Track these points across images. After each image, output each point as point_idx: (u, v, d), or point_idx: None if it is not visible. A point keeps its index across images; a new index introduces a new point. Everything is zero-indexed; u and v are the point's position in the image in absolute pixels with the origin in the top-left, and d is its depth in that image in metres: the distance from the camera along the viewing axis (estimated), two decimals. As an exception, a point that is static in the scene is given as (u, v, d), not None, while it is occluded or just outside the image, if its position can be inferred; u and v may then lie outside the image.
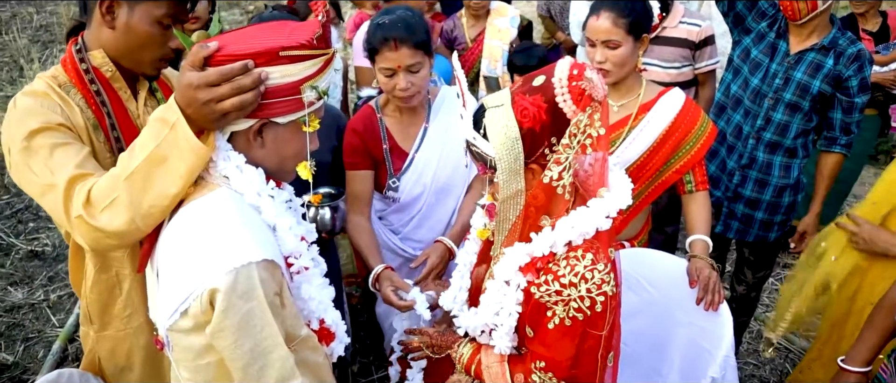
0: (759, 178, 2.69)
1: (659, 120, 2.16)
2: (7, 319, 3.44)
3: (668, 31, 2.99)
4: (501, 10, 3.58)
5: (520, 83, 1.43)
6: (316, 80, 1.30)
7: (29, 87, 1.58)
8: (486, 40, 3.52)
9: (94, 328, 1.75)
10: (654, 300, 2.11)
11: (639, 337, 2.11)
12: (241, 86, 1.20)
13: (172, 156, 1.24)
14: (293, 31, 1.30)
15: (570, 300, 1.38)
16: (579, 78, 1.35)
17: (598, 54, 2.13)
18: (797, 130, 2.60)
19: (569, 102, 1.35)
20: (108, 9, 1.52)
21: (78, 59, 1.58)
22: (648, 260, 2.18)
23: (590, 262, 1.38)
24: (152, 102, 1.74)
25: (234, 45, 1.23)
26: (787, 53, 2.57)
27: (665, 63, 3.00)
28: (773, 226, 2.75)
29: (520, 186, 1.41)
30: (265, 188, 1.32)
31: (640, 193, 2.24)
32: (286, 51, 1.23)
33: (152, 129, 1.25)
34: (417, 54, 2.06)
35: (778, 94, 2.57)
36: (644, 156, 2.18)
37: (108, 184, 1.30)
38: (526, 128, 1.36)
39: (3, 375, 3.10)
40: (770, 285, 3.80)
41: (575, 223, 1.39)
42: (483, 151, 1.42)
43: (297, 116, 1.31)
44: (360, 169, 2.29)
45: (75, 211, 1.34)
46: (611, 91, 2.25)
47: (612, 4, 2.10)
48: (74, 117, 1.55)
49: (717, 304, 1.95)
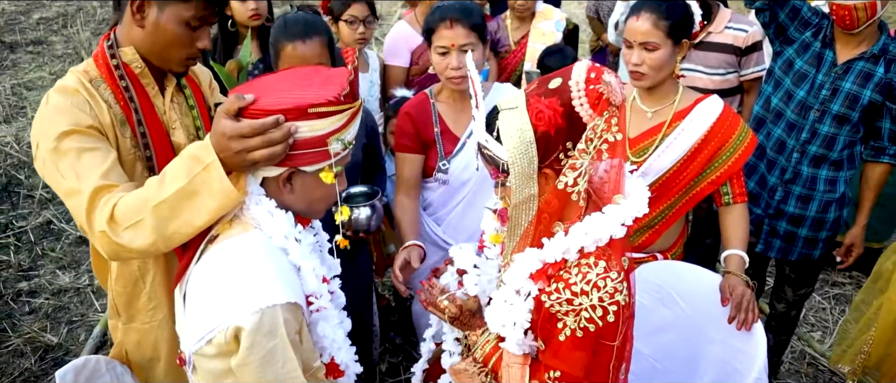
0: (803, 194, 2.56)
1: (694, 128, 2.08)
2: (54, 302, 3.57)
3: (712, 36, 2.88)
4: (547, 13, 3.52)
5: (535, 85, 1.39)
6: (342, 134, 1.36)
7: (61, 82, 1.61)
8: (530, 43, 3.46)
9: (122, 320, 1.79)
10: (685, 315, 2.04)
11: (669, 353, 2.05)
12: (271, 139, 1.27)
13: (203, 193, 1.31)
14: (323, 85, 1.36)
15: (581, 309, 1.33)
16: (597, 81, 1.31)
17: (635, 56, 2.07)
18: (844, 142, 2.47)
19: (586, 106, 1.31)
20: (139, 8, 1.55)
21: (109, 55, 1.62)
22: (682, 273, 2.11)
23: (602, 270, 1.34)
24: (180, 98, 1.77)
25: (266, 98, 1.31)
26: (834, 63, 2.44)
27: (709, 69, 2.89)
28: (819, 243, 2.62)
29: (533, 191, 1.37)
30: (293, 231, 1.40)
31: (673, 204, 2.17)
32: (315, 107, 1.30)
33: (185, 164, 1.33)
34: (471, 35, 2.14)
35: (825, 105, 2.45)
36: (677, 166, 2.10)
37: (135, 207, 1.37)
38: (541, 131, 1.32)
39: (47, 356, 3.22)
40: (817, 304, 3.64)
41: (589, 229, 1.34)
42: (495, 154, 1.38)
43: (324, 165, 1.37)
44: (411, 152, 2.34)
45: (98, 225, 1.40)
46: (644, 96, 2.18)
47: (654, 5, 2.04)
48: (102, 116, 1.58)
49: (750, 324, 1.87)
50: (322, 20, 2.20)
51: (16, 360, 3.18)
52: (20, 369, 3.13)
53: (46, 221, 4.25)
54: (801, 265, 2.70)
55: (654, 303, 2.08)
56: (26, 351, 3.22)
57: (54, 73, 6.45)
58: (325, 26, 2.14)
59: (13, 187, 4.60)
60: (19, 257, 3.92)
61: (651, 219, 2.19)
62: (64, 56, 6.98)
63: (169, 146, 1.70)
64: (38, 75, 6.46)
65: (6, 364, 3.16)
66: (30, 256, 3.94)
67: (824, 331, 3.45)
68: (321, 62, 2.07)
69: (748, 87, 3.00)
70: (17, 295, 3.62)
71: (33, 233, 4.12)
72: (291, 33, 2.04)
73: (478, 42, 2.18)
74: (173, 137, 1.71)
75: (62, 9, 8.55)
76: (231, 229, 1.38)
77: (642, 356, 2.10)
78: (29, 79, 6.41)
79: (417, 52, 3.22)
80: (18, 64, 6.83)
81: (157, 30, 1.57)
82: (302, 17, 2.11)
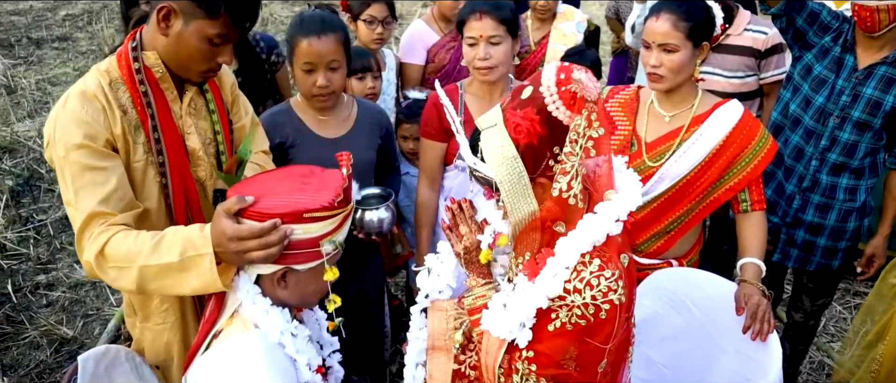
0: (822, 203, 2.50)
1: (713, 133, 2.04)
2: (70, 295, 3.62)
3: (731, 38, 2.83)
4: (568, 14, 3.49)
5: (509, 98, 1.37)
6: (334, 236, 1.45)
7: (83, 82, 1.61)
8: (551, 44, 3.43)
9: (138, 319, 1.81)
10: (699, 323, 2.00)
11: (681, 361, 2.01)
12: (268, 242, 1.36)
13: (190, 274, 1.43)
14: (318, 189, 1.45)
15: (573, 306, 1.31)
16: (567, 81, 1.29)
17: (653, 58, 2.03)
18: (866, 150, 2.41)
19: (562, 109, 1.29)
20: (165, 17, 1.55)
21: (132, 58, 1.62)
22: (697, 281, 2.07)
23: (597, 268, 1.31)
24: (200, 102, 1.76)
25: (265, 200, 1.41)
26: (854, 68, 2.38)
27: (727, 72, 2.84)
28: (838, 253, 2.56)
29: (532, 207, 1.35)
30: (288, 327, 1.47)
31: (690, 210, 2.13)
32: (310, 213, 1.39)
33: (182, 242, 1.43)
34: (499, 28, 2.20)
35: (845, 111, 2.39)
36: (695, 171, 2.07)
37: (125, 255, 1.46)
38: (523, 144, 1.30)
39: (63, 348, 3.26)
40: (838, 313, 3.56)
41: (585, 233, 1.32)
42: (486, 175, 1.36)
43: (317, 264, 1.46)
44: (433, 139, 2.40)
45: (87, 254, 1.50)
46: (662, 100, 2.14)
47: (674, 6, 2.01)
48: (115, 125, 1.58)
49: (765, 334, 1.83)
50: (338, 18, 2.20)
51: (32, 352, 3.22)
52: (36, 361, 3.17)
53: (65, 216, 4.30)
54: (820, 275, 2.64)
55: (667, 310, 2.04)
56: (42, 344, 3.26)
57: (78, 70, 6.53)
58: (341, 24, 2.14)
59: (35, 181, 4.67)
60: (38, 250, 3.97)
61: (667, 224, 2.15)
62: (88, 52, 7.08)
63: (183, 152, 1.70)
64: (63, 71, 6.55)
65: (23, 356, 3.20)
66: (48, 250, 4.00)
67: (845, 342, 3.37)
68: (335, 59, 2.07)
69: (768, 91, 2.95)
70: (35, 288, 3.67)
71: (52, 226, 4.18)
72: (307, 29, 2.04)
73: (506, 36, 2.24)
74: (188, 143, 1.72)
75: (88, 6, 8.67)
76: (232, 326, 1.46)
77: (653, 363, 2.07)
78: (53, 74, 6.50)
79: (433, 51, 3.22)
80: (44, 60, 6.94)
81: (180, 41, 1.56)
82: (318, 14, 2.12)
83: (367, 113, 2.32)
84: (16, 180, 4.66)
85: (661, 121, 2.14)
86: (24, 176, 4.71)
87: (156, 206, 1.67)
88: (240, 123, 1.92)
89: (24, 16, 8.38)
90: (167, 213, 1.69)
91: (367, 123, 2.30)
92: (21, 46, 7.28)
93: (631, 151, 2.15)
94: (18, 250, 3.95)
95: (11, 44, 7.34)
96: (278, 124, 2.20)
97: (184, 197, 1.70)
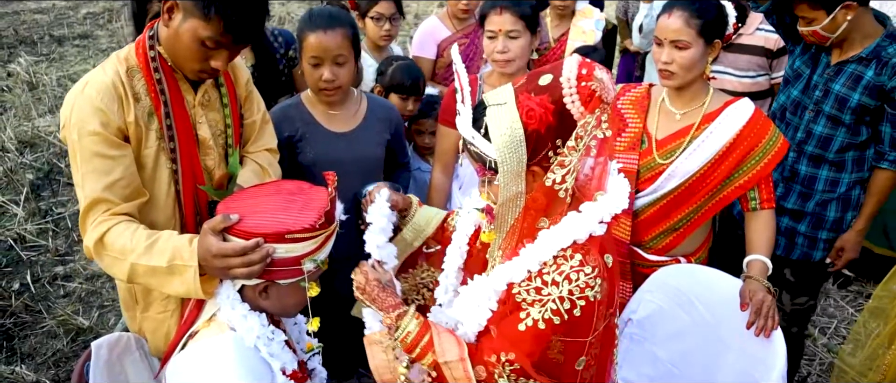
0: (802, 191, 2.50)
1: (723, 131, 2.04)
2: (87, 286, 3.68)
3: (743, 38, 2.83)
4: (587, 11, 3.50)
5: (524, 80, 1.35)
6: (316, 254, 1.50)
7: (101, 69, 1.65)
8: (570, 41, 3.45)
9: (139, 309, 1.84)
10: (705, 321, 2.00)
11: (687, 359, 2.02)
12: (250, 260, 1.42)
13: (176, 280, 1.52)
14: (302, 209, 1.49)
15: (548, 300, 1.31)
16: (589, 78, 1.28)
17: (665, 54, 2.04)
18: (841, 144, 2.39)
19: (577, 104, 1.28)
20: (169, 9, 1.59)
21: (148, 46, 1.66)
22: (704, 278, 2.07)
23: (578, 264, 1.32)
24: (215, 95, 1.80)
25: (250, 219, 1.47)
26: (827, 64, 2.39)
27: (738, 72, 2.83)
28: (819, 243, 2.53)
29: (520, 189, 1.35)
30: (264, 331, 1.53)
31: (699, 208, 2.13)
32: (291, 234, 1.44)
33: (173, 249, 1.51)
34: (518, 23, 2.27)
35: (818, 106, 2.40)
36: (705, 169, 2.06)
37: (121, 247, 1.55)
38: (530, 129, 1.29)
39: (79, 338, 3.31)
40: (850, 316, 3.53)
41: (566, 230, 1.32)
42: (483, 152, 1.35)
43: (298, 279, 1.51)
44: (451, 127, 2.42)
45: (87, 239, 1.59)
46: (673, 97, 2.15)
47: (687, 3, 2.01)
48: (129, 114, 1.63)
49: (769, 331, 1.82)
50: (347, 14, 2.23)
51: (49, 341, 3.28)
52: (53, 349, 3.23)
53: (84, 209, 4.38)
54: (801, 268, 2.60)
55: (673, 308, 2.05)
56: (59, 333, 3.32)
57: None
58: (350, 19, 2.17)
59: (54, 175, 4.76)
60: (57, 242, 4.05)
61: (675, 221, 2.15)
62: (108, 50, 7.19)
63: (193, 140, 1.74)
64: (83, 68, 6.66)
65: (40, 344, 3.26)
66: (66, 242, 4.07)
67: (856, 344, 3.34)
68: (342, 53, 2.10)
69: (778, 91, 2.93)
70: (53, 279, 3.74)
71: (71, 220, 4.25)
72: (315, 24, 2.07)
73: (525, 31, 2.30)
74: (198, 131, 1.75)
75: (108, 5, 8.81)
76: (209, 328, 1.52)
77: (660, 361, 2.07)
78: (74, 71, 6.61)
79: (443, 46, 3.25)
80: (65, 57, 7.07)
81: (176, 37, 1.60)
82: (327, 9, 2.15)
83: (376, 108, 2.34)
84: (36, 174, 4.75)
85: (671, 119, 2.14)
86: (45, 170, 4.80)
87: (165, 192, 1.71)
88: (251, 119, 1.95)
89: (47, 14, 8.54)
90: (176, 199, 1.74)
91: (376, 119, 2.32)
92: (43, 44, 7.42)
93: (641, 148, 2.15)
94: (38, 242, 4.03)
95: (34, 41, 7.48)
96: (288, 118, 2.23)
97: (193, 183, 1.74)
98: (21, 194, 4.42)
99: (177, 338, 1.58)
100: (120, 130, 1.62)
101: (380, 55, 3.06)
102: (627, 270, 2.25)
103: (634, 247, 2.22)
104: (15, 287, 3.65)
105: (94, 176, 1.57)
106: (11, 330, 3.34)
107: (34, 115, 5.55)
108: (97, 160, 1.58)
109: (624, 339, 2.14)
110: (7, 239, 4.03)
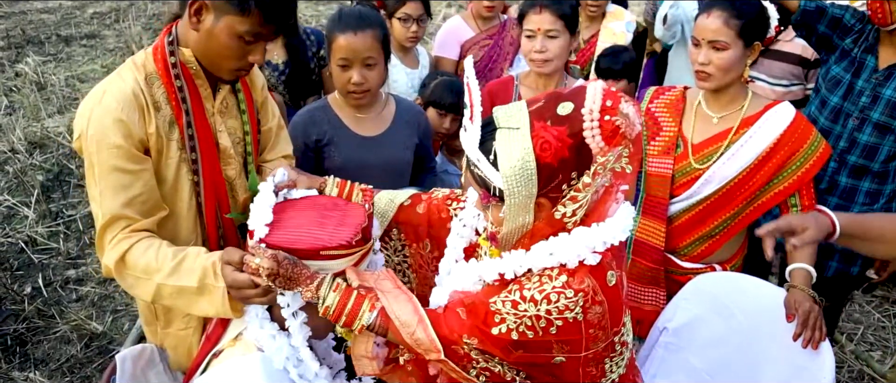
0: (840, 205, 2.40)
1: (763, 135, 1.98)
2: (100, 290, 3.63)
3: (781, 44, 2.75)
4: (618, 13, 3.45)
5: (542, 103, 1.24)
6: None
7: (119, 77, 1.58)
8: (600, 42, 3.40)
9: (160, 325, 1.79)
10: (742, 328, 1.94)
11: (725, 368, 1.96)
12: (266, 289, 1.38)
13: (205, 301, 1.47)
14: (338, 226, 1.44)
15: (524, 315, 1.25)
16: (613, 112, 1.18)
17: (702, 55, 1.99)
18: (888, 153, 2.30)
19: (598, 139, 1.18)
20: (196, 11, 1.52)
21: (168, 52, 1.58)
22: (741, 285, 2.01)
23: (561, 285, 1.25)
24: (232, 100, 1.74)
25: (283, 232, 1.41)
26: (875, 69, 2.29)
27: (772, 79, 2.76)
28: (857, 259, 2.44)
29: (527, 220, 1.26)
30: (293, 354, 1.48)
31: (736, 214, 2.08)
32: (327, 250, 1.38)
33: (202, 268, 1.46)
34: (557, 22, 2.25)
35: (864, 113, 2.29)
36: (743, 175, 2.01)
37: (144, 267, 1.49)
38: (544, 162, 1.19)
39: (93, 343, 3.26)
40: (876, 321, 3.47)
41: (554, 250, 1.26)
42: (488, 178, 1.25)
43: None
44: None
45: (107, 258, 1.53)
46: (710, 100, 2.09)
47: (726, 3, 1.95)
48: (149, 125, 1.56)
49: (817, 342, 1.77)
50: (377, 15, 2.17)
51: (62, 346, 3.23)
52: (67, 355, 3.17)
53: (95, 211, 4.33)
54: (835, 283, 2.49)
55: (709, 315, 1.99)
56: (73, 338, 3.27)
57: (106, 66, 6.59)
58: (380, 21, 2.11)
59: (64, 176, 4.71)
60: (68, 245, 3.99)
61: (712, 228, 2.10)
62: (115, 50, 7.14)
63: (215, 149, 1.68)
64: (91, 68, 6.61)
65: (54, 350, 3.21)
66: (78, 245, 4.01)
67: (885, 351, 3.29)
68: (371, 55, 2.04)
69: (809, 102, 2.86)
70: (65, 283, 3.68)
71: (82, 222, 4.20)
72: (344, 25, 2.01)
73: (564, 31, 2.27)
74: (219, 140, 1.69)
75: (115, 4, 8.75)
76: (234, 348, 1.46)
77: (695, 370, 2.02)
78: (82, 71, 6.56)
79: (466, 46, 3.20)
80: (72, 57, 7.02)
81: (211, 37, 1.53)
82: (357, 9, 2.09)
83: (404, 111, 2.29)
84: (46, 175, 4.70)
85: (708, 123, 2.08)
86: (54, 171, 4.75)
87: (187, 205, 1.65)
88: (267, 126, 1.89)
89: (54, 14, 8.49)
90: (198, 211, 1.67)
91: (404, 122, 2.26)
92: (51, 44, 7.37)
93: (676, 153, 2.10)
94: (49, 245, 3.98)
95: (41, 41, 7.43)
96: (315, 121, 2.18)
97: (214, 195, 1.68)
98: (32, 196, 4.37)
99: (200, 358, 1.52)
100: (141, 142, 1.55)
101: (405, 56, 3.02)
102: (661, 278, 2.20)
103: (669, 253, 2.18)
104: (27, 291, 3.59)
105: (113, 191, 1.51)
106: (25, 335, 3.29)
107: (43, 116, 5.50)
108: (116, 174, 1.51)
109: (658, 348, 2.10)
110: (18, 242, 3.98)
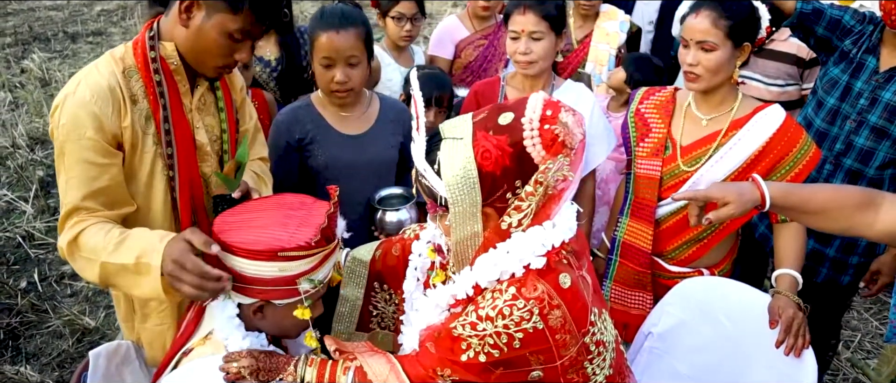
0: None
1: (752, 138, 1.95)
2: (94, 286, 3.63)
3: (775, 43, 2.72)
4: (611, 13, 3.40)
5: (485, 114, 1.27)
6: (312, 274, 1.41)
7: (95, 69, 1.57)
8: (593, 43, 3.36)
9: (137, 319, 1.78)
10: (729, 334, 1.92)
11: (709, 373, 1.94)
12: (203, 286, 1.36)
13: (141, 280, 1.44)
14: (299, 226, 1.41)
15: (484, 335, 1.24)
16: (552, 121, 1.20)
17: (690, 56, 1.96)
18: (883, 159, 2.25)
19: (538, 147, 1.20)
20: (187, 8, 1.52)
21: (149, 47, 1.58)
22: (727, 291, 1.98)
23: (511, 297, 1.23)
24: (210, 98, 1.74)
25: (243, 233, 1.39)
26: (875, 70, 2.24)
27: (767, 79, 2.72)
28: (848, 268, 2.39)
29: (476, 229, 1.27)
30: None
31: (723, 218, 2.04)
32: (285, 252, 1.35)
33: (140, 248, 1.44)
34: (541, 24, 2.21)
35: (862, 115, 2.24)
36: (731, 177, 1.97)
37: (92, 247, 1.49)
38: (486, 171, 1.21)
39: (85, 338, 3.27)
40: (874, 329, 3.42)
41: (497, 260, 1.25)
42: (433, 187, 1.27)
43: (294, 300, 1.42)
44: None
45: (62, 240, 1.53)
46: (699, 102, 2.07)
47: (714, 3, 1.93)
48: (124, 118, 1.56)
49: (799, 350, 1.73)
50: (360, 13, 2.16)
51: (54, 341, 3.24)
52: (58, 350, 3.18)
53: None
54: (824, 289, 2.44)
55: (695, 321, 1.97)
56: (65, 333, 3.28)
57: (110, 63, 6.62)
58: (363, 19, 2.10)
59: (64, 172, 4.73)
60: (65, 240, 4.01)
61: (699, 232, 2.06)
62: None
63: (192, 145, 1.67)
64: (96, 65, 6.65)
65: (46, 344, 3.22)
66: (75, 240, 4.03)
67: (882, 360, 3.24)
68: (354, 54, 2.03)
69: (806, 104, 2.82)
70: (59, 278, 3.70)
71: (80, 217, 4.21)
72: (327, 23, 2.00)
73: (549, 32, 2.24)
74: (196, 137, 1.69)
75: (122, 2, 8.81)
76: (203, 347, 1.43)
77: (680, 375, 1.99)
78: (87, 68, 6.60)
79: (461, 46, 3.19)
80: (78, 54, 7.06)
81: (200, 34, 1.53)
82: (339, 8, 2.07)
83: (389, 109, 2.27)
84: (46, 171, 4.72)
85: (697, 125, 2.05)
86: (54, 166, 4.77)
87: (162, 201, 1.65)
88: (244, 127, 1.90)
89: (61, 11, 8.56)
90: (172, 207, 1.67)
91: (389, 121, 2.24)
92: (57, 40, 7.43)
93: (665, 155, 2.07)
94: (46, 240, 3.99)
95: (48, 38, 7.50)
96: (298, 120, 2.16)
97: (190, 191, 1.67)
98: (30, 191, 4.39)
99: (170, 354, 1.50)
100: (114, 137, 1.55)
101: (399, 55, 3.00)
102: (648, 281, 2.17)
103: (656, 257, 2.14)
104: (22, 285, 3.61)
105: (79, 182, 1.51)
106: (17, 329, 3.31)
107: (46, 112, 5.53)
108: (84, 165, 1.51)
109: (643, 353, 2.07)
110: (15, 236, 4.00)
